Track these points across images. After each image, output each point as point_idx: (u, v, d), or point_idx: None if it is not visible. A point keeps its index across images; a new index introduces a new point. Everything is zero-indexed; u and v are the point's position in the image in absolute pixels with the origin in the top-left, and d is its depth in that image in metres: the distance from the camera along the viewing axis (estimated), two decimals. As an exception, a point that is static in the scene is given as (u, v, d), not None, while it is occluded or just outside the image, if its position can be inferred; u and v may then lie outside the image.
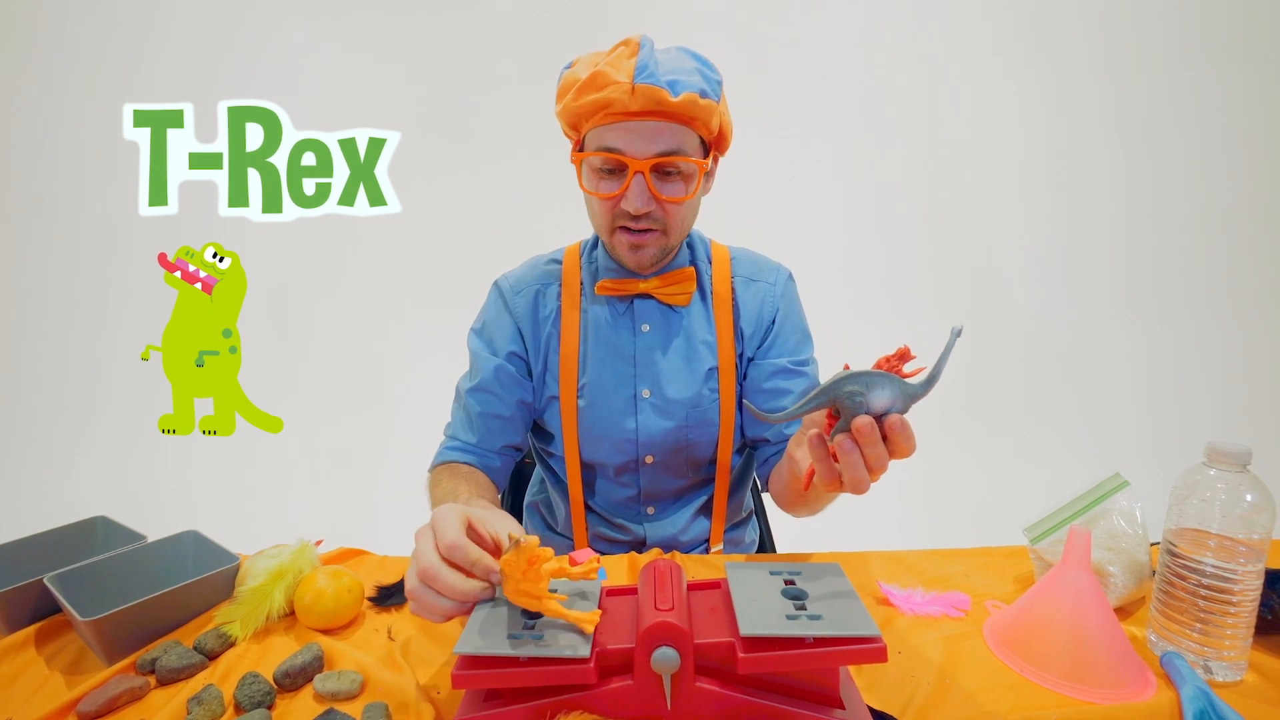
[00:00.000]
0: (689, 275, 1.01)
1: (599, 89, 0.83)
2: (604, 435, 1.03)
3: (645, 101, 0.83)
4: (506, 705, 0.55)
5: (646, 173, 0.87)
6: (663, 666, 0.53)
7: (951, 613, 0.80)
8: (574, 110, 0.87)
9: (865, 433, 0.58)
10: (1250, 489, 0.66)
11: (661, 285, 1.00)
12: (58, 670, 0.69)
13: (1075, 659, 0.67)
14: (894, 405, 0.58)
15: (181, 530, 0.86)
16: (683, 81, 0.84)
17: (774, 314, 1.05)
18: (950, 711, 0.63)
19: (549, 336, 1.03)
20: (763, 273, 1.07)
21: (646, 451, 1.03)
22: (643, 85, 0.82)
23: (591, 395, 1.02)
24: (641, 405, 1.02)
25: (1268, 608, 0.73)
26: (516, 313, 1.04)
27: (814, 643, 0.53)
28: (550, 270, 1.06)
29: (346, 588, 0.76)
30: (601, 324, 1.02)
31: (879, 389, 0.58)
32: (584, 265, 1.06)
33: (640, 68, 0.82)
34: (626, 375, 1.02)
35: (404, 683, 0.66)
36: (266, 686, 0.64)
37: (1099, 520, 0.84)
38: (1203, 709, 0.61)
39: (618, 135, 0.86)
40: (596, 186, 0.91)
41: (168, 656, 0.67)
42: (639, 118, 0.85)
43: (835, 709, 0.55)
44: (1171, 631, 0.70)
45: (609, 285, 1.01)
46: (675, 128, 0.86)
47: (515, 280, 1.07)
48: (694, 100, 0.84)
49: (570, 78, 0.88)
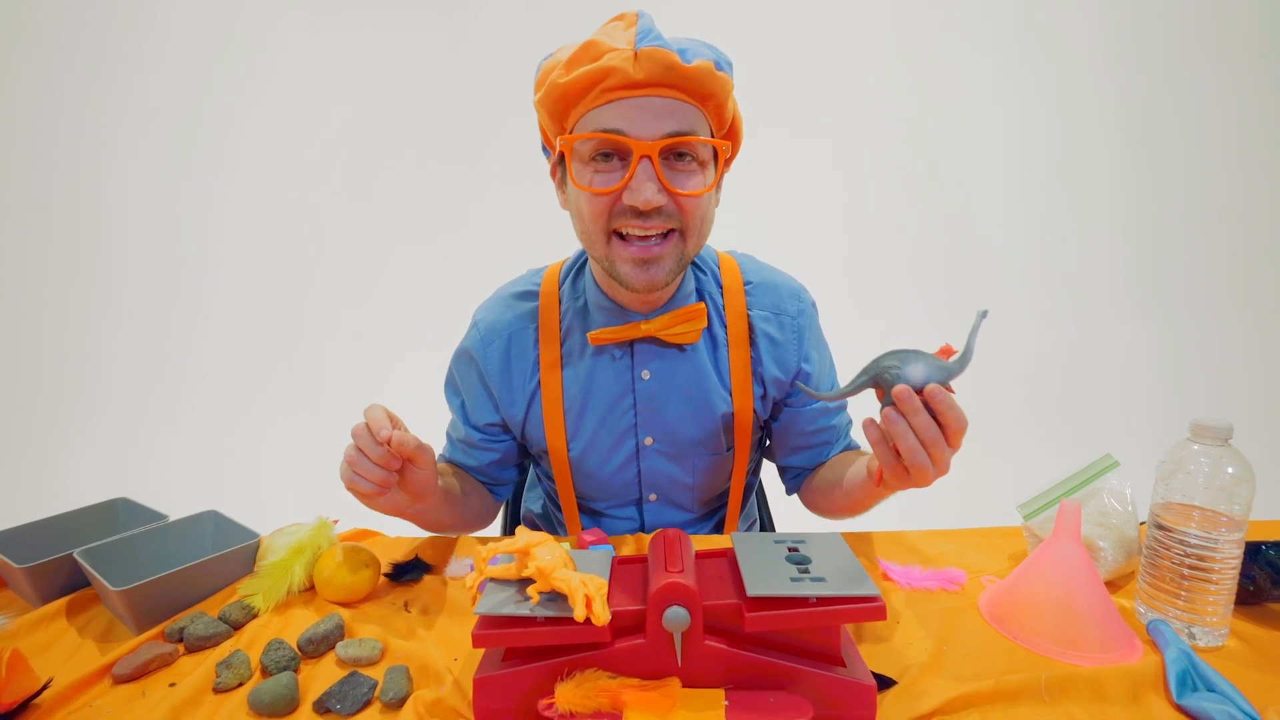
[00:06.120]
0: (699, 312, 0.86)
1: (593, 59, 0.69)
2: (603, 485, 0.96)
3: (652, 69, 0.69)
4: (523, 664, 0.58)
5: (655, 157, 0.71)
6: (674, 625, 0.56)
7: (948, 587, 0.83)
8: (561, 89, 0.72)
9: (904, 399, 0.61)
10: (1231, 462, 0.69)
11: (668, 326, 0.85)
12: (90, 639, 0.71)
13: (1065, 626, 0.70)
14: (930, 378, 0.63)
15: (201, 510, 0.89)
16: (694, 49, 0.72)
17: (802, 355, 0.93)
18: (945, 675, 0.66)
19: (531, 391, 0.91)
20: (784, 305, 0.93)
21: (650, 491, 0.97)
22: (648, 49, 0.68)
23: (586, 449, 0.93)
24: (645, 453, 0.93)
25: (1250, 579, 0.76)
26: (488, 369, 0.91)
27: (816, 602, 0.56)
28: (524, 311, 0.91)
29: (364, 562, 0.79)
30: (593, 376, 0.89)
31: (914, 363, 0.63)
32: (565, 299, 0.91)
33: (643, 33, 0.69)
34: (626, 427, 0.92)
35: (423, 650, 0.68)
36: (291, 652, 0.67)
37: (1090, 499, 0.87)
38: (1185, 670, 0.64)
39: (618, 113, 0.71)
40: (590, 180, 0.74)
41: (195, 625, 0.70)
42: (644, 90, 0.70)
43: (837, 666, 0.58)
44: (1158, 600, 0.73)
45: (605, 336, 0.86)
46: (687, 106, 0.73)
47: (486, 326, 0.92)
48: (709, 69, 0.70)
49: (552, 61, 0.75)
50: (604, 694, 0.56)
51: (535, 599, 0.57)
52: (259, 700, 0.60)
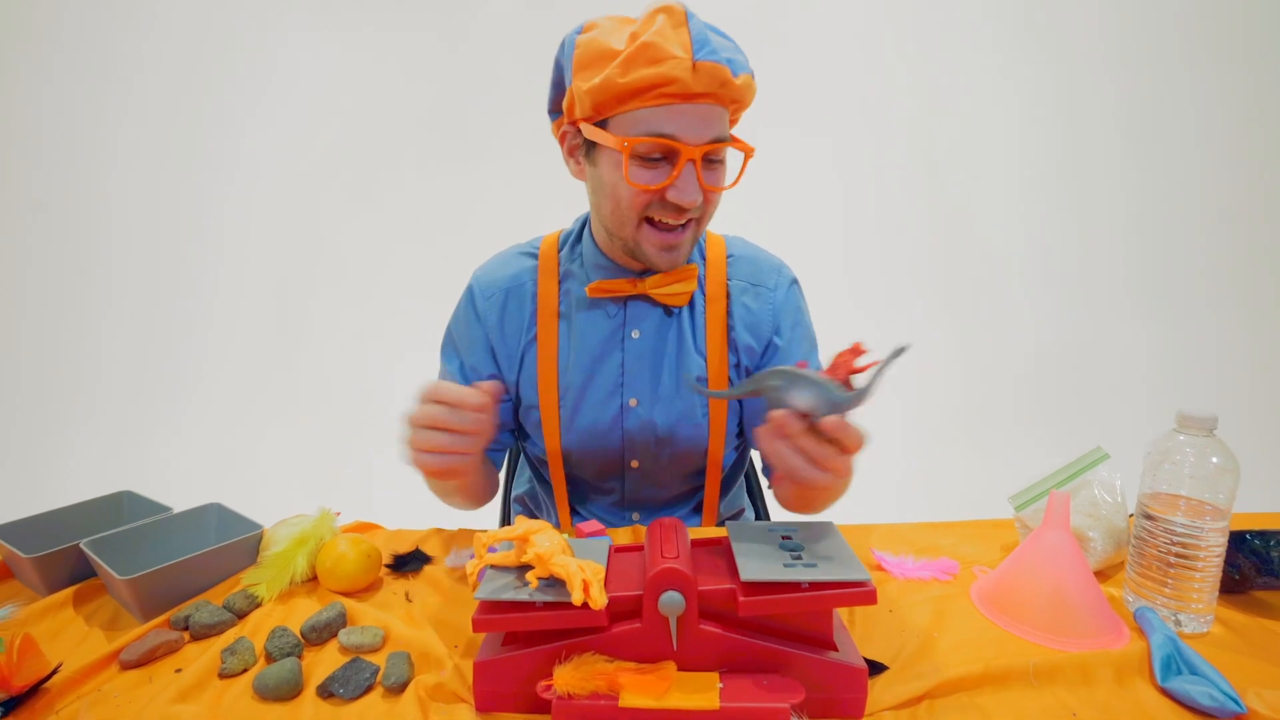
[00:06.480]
0: (691, 273, 0.91)
1: (653, 63, 0.72)
2: (587, 446, 0.98)
3: (708, 82, 0.73)
4: (522, 648, 0.59)
5: (699, 161, 0.77)
6: (669, 609, 0.57)
7: (941, 576, 0.84)
8: (617, 87, 0.74)
9: (778, 424, 0.59)
10: (1216, 452, 0.71)
11: (661, 284, 0.90)
12: (96, 627, 0.73)
13: (1054, 613, 0.71)
14: (816, 408, 0.58)
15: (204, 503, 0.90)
16: (737, 60, 0.76)
17: (775, 327, 0.97)
18: (936, 661, 0.67)
19: (525, 345, 0.95)
20: (762, 277, 0.98)
21: (631, 458, 0.99)
22: (705, 63, 0.72)
23: (574, 406, 0.96)
24: (629, 414, 0.96)
25: (1235, 568, 0.78)
26: (487, 322, 0.95)
27: (809, 587, 0.57)
28: (524, 266, 0.96)
29: (366, 553, 0.80)
30: (586, 331, 0.93)
31: (801, 390, 0.58)
32: (564, 261, 0.96)
33: (699, 43, 0.73)
34: (613, 385, 0.95)
35: (424, 637, 0.69)
36: (295, 639, 0.68)
37: (1080, 490, 0.88)
38: (1169, 654, 0.65)
39: (673, 119, 0.75)
40: (637, 176, 0.79)
41: (200, 614, 0.71)
42: (698, 100, 0.75)
43: (829, 650, 0.60)
44: (1145, 588, 0.75)
45: (602, 287, 0.90)
46: (721, 111, 0.78)
47: (486, 281, 0.97)
48: (749, 82, 0.77)
49: (599, 46, 0.75)
50: (601, 677, 0.57)
51: (534, 584, 0.58)
52: (264, 685, 0.62)
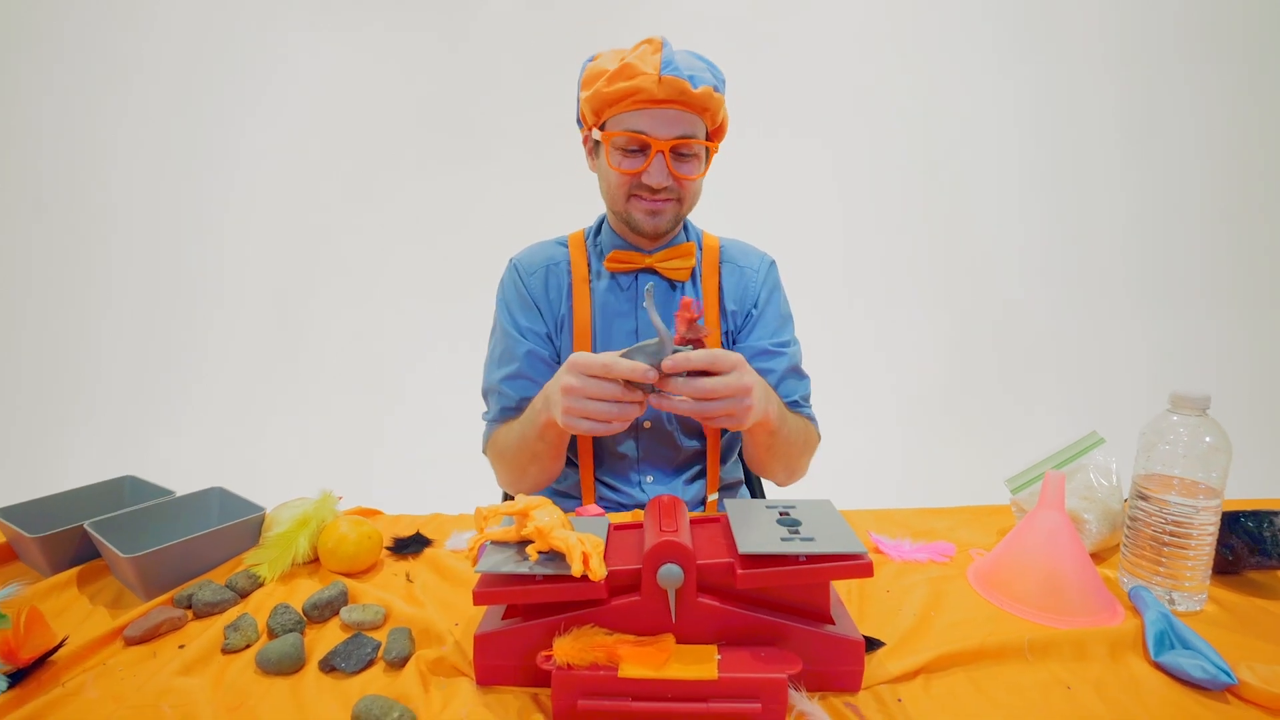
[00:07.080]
0: (690, 250, 1.11)
1: (628, 78, 0.95)
2: None
3: (670, 91, 0.95)
4: (523, 621, 0.60)
5: (666, 153, 0.98)
6: (668, 582, 0.58)
7: (938, 558, 0.85)
8: (603, 96, 0.98)
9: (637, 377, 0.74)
10: (1209, 432, 0.72)
11: (665, 258, 1.10)
12: (100, 606, 0.73)
13: (1049, 592, 0.72)
14: (650, 361, 0.73)
15: (206, 487, 0.91)
16: (700, 77, 0.98)
17: (756, 298, 1.14)
18: (933, 638, 0.68)
19: (563, 314, 1.12)
20: (748, 258, 1.17)
21: (645, 418, 1.10)
22: (669, 77, 0.94)
23: None
24: None
25: (1229, 548, 0.79)
26: (533, 293, 1.13)
27: (806, 560, 0.58)
28: (558, 251, 1.16)
29: (367, 534, 0.81)
30: (608, 299, 1.12)
31: (636, 356, 0.74)
32: (589, 247, 1.15)
33: (665, 62, 0.95)
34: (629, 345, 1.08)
35: (425, 614, 0.70)
36: (297, 616, 0.69)
37: (1075, 474, 0.89)
38: (1163, 630, 0.66)
39: (642, 119, 0.98)
40: (619, 163, 1.02)
41: (203, 592, 0.72)
42: (662, 105, 0.96)
43: (826, 624, 0.60)
44: (1139, 568, 0.75)
45: (619, 258, 1.10)
46: (690, 116, 0.99)
47: (527, 261, 1.16)
48: (709, 93, 0.97)
49: (597, 69, 1.00)
50: (600, 648, 0.57)
51: (534, 557, 0.59)
52: (266, 659, 0.62)
